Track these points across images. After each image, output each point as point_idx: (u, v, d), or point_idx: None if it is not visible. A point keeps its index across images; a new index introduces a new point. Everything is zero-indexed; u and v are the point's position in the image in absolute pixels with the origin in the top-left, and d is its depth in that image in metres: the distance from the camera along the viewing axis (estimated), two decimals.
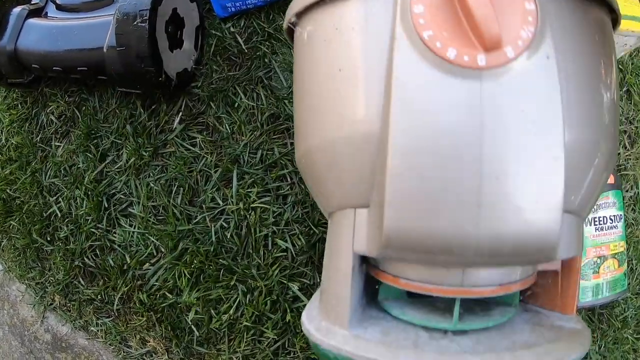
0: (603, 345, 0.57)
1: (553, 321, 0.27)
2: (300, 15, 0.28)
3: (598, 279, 0.51)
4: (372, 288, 0.29)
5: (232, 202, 0.50)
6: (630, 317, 0.59)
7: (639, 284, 0.64)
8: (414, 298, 0.28)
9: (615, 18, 0.28)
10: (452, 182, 0.20)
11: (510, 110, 0.21)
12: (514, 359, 0.22)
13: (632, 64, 0.66)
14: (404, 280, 0.25)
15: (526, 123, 0.21)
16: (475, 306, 0.27)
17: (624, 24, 0.51)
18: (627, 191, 0.60)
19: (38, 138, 0.63)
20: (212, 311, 0.50)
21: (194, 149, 0.53)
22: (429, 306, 0.27)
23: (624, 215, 0.61)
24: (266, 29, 0.55)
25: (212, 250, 0.50)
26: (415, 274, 0.25)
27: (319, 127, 0.26)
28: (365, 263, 0.27)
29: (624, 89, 0.62)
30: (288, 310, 0.48)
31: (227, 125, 0.52)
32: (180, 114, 0.54)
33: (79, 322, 0.61)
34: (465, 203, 0.20)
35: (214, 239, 0.50)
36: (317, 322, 0.27)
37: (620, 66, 0.67)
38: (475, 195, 0.20)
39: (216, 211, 0.50)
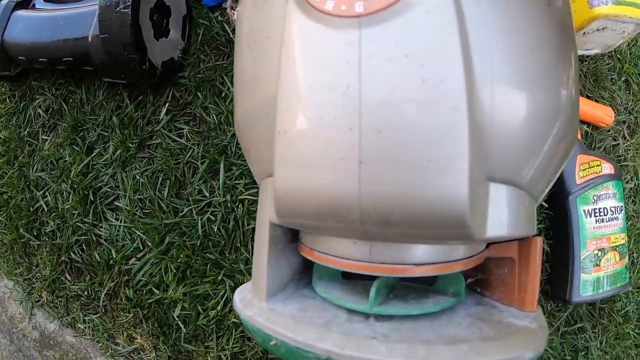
0: (604, 340, 0.55)
1: (504, 317, 0.24)
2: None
3: (599, 273, 0.49)
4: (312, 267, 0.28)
5: (219, 194, 0.48)
6: (632, 311, 0.58)
7: None
8: (348, 280, 0.27)
9: None
10: (332, 138, 0.19)
11: (392, 56, 0.19)
12: (428, 354, 0.20)
13: (630, 53, 0.64)
14: (317, 253, 0.24)
15: (411, 69, 0.18)
16: (412, 293, 0.25)
17: (622, 10, 0.49)
18: (627, 182, 0.58)
19: (25, 132, 0.62)
20: (199, 307, 0.48)
21: (180, 140, 0.51)
22: (359, 288, 0.25)
23: (625, 207, 0.60)
24: None
25: (198, 244, 0.48)
26: (326, 246, 0.23)
27: (241, 98, 0.27)
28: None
29: (622, 78, 0.60)
30: None
31: (214, 115, 0.51)
32: (167, 104, 0.52)
33: (67, 319, 0.59)
34: (346, 159, 0.19)
35: (200, 232, 0.48)
36: (244, 294, 0.26)
37: (618, 55, 0.65)
38: (355, 151, 0.18)
39: (203, 204, 0.49)
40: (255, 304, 0.24)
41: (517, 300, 0.24)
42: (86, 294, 0.56)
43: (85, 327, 0.58)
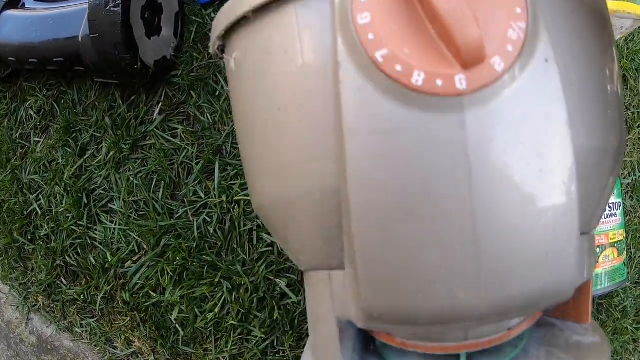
0: None
1: (569, 336, 0.23)
2: (224, 38, 0.21)
3: (597, 269, 0.49)
4: (368, 333, 0.24)
5: (214, 195, 0.47)
6: (630, 306, 0.57)
7: (638, 273, 0.61)
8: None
9: None
10: (438, 247, 0.16)
11: (507, 145, 0.15)
12: None
13: (627, 48, 0.63)
14: (400, 339, 0.21)
15: (528, 160, 0.16)
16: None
17: (620, 6, 0.49)
18: (624, 178, 0.57)
19: (17, 134, 0.61)
20: (196, 310, 0.48)
21: (174, 140, 0.50)
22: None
23: (623, 202, 0.59)
24: None
25: (195, 246, 0.47)
26: (412, 333, 0.20)
27: (266, 181, 0.21)
28: None
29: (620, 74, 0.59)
30: (276, 308, 0.46)
31: (208, 115, 0.50)
32: (160, 104, 0.51)
33: (64, 323, 0.59)
34: (460, 272, 0.16)
35: (196, 234, 0.47)
36: None
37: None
38: (472, 262, 0.15)
39: (198, 205, 0.48)
40: None
41: (572, 313, 0.23)
42: (82, 297, 0.55)
43: (82, 331, 0.57)
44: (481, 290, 0.16)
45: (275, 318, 0.46)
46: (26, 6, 0.60)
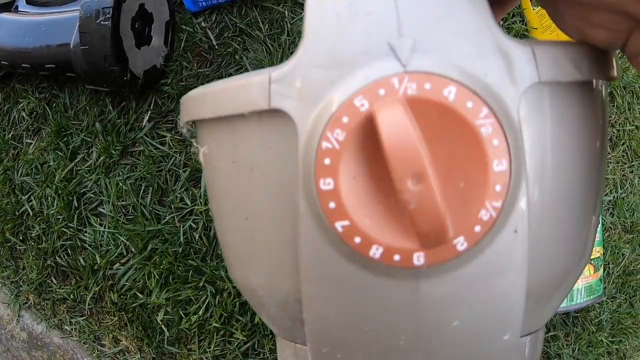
0: (577, 348, 0.57)
1: None
2: (193, 124, 0.21)
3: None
4: None
5: (200, 202, 0.49)
6: (606, 320, 0.59)
7: (615, 288, 0.64)
8: None
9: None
10: None
11: (458, 313, 0.16)
12: None
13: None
14: None
15: (478, 327, 0.16)
16: None
17: None
18: (605, 195, 0.60)
19: (10, 135, 0.62)
20: (181, 312, 0.50)
21: (163, 147, 0.52)
22: None
23: (602, 219, 0.61)
24: (238, 25, 0.54)
25: (180, 251, 0.49)
26: None
27: (235, 267, 0.22)
28: None
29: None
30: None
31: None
32: (150, 112, 0.53)
33: (53, 321, 0.61)
34: None
35: (182, 239, 0.49)
36: None
37: None
38: None
39: (185, 212, 0.50)
40: None
41: None
42: (72, 297, 0.57)
43: (71, 329, 0.59)
44: None
45: (256, 322, 0.48)
46: (19, 9, 0.61)
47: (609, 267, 0.62)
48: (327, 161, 0.15)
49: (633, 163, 0.70)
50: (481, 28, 0.16)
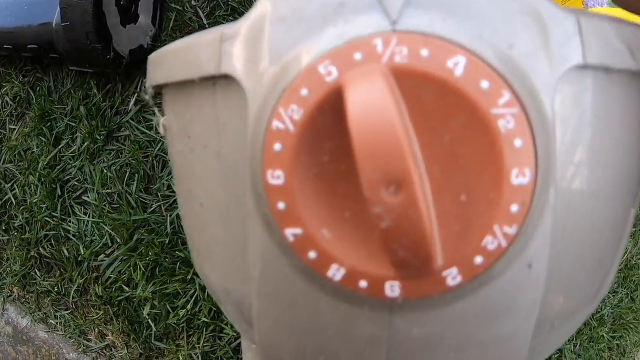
0: (578, 343, 0.54)
1: None
2: (157, 90, 0.18)
3: None
4: None
5: None
6: (607, 315, 0.57)
7: (617, 282, 0.61)
8: None
9: None
10: None
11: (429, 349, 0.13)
12: None
13: None
14: None
15: None
16: None
17: (616, 12, 0.48)
18: None
19: None
20: (168, 306, 0.47)
21: (149, 132, 0.49)
22: None
23: None
24: (229, 3, 0.51)
25: (167, 241, 0.47)
26: None
27: (196, 256, 0.19)
28: None
29: None
30: None
31: None
32: (136, 94, 0.50)
33: (38, 314, 0.58)
34: None
35: (169, 229, 0.46)
36: None
37: None
38: None
39: (172, 200, 0.47)
40: None
41: None
42: (56, 289, 0.55)
43: (56, 323, 0.57)
44: None
45: None
46: None
47: None
48: (277, 147, 0.11)
49: None
50: None
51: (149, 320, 0.48)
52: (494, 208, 0.11)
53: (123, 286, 0.49)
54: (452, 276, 0.11)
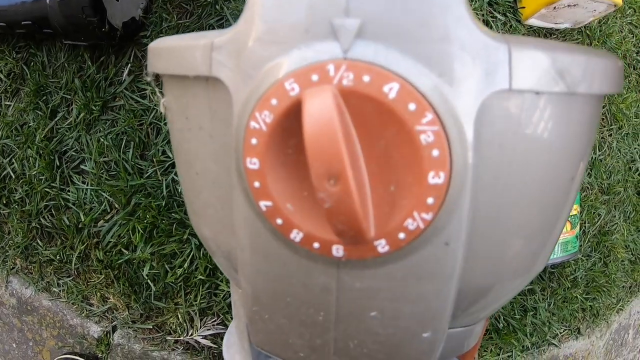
0: (552, 303, 0.57)
1: None
2: (157, 75, 0.21)
3: None
4: None
5: None
6: (581, 277, 0.60)
7: (590, 247, 0.64)
8: None
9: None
10: (304, 343, 0.18)
11: (377, 307, 0.16)
12: None
13: (600, 30, 0.64)
14: None
15: (397, 321, 0.16)
16: None
17: None
18: None
19: None
20: (166, 266, 0.49)
21: (143, 101, 0.51)
22: None
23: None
24: None
25: (164, 204, 0.49)
26: None
27: (192, 214, 0.22)
28: None
29: None
30: None
31: None
32: (129, 65, 0.52)
33: (41, 284, 0.60)
34: (318, 350, 0.17)
35: (165, 192, 0.49)
36: (232, 352, 0.26)
37: (587, 32, 0.65)
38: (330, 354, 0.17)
39: (167, 164, 0.49)
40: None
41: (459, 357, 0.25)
42: (58, 258, 0.57)
43: (59, 291, 0.59)
44: None
45: None
46: None
47: (585, 226, 0.62)
48: (254, 141, 0.15)
49: (612, 127, 0.70)
50: (447, 15, 0.13)
51: (149, 280, 0.51)
52: (415, 198, 0.14)
53: (123, 250, 0.51)
54: (382, 245, 0.15)
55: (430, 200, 0.14)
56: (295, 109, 0.14)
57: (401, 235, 0.14)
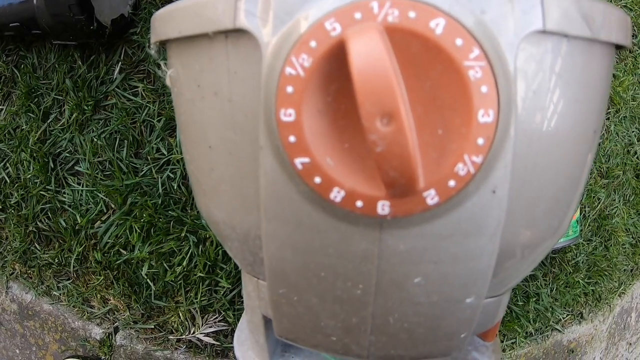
0: (555, 288, 0.57)
1: (467, 351, 0.23)
2: (162, 44, 0.19)
3: None
4: None
5: (177, 151, 0.48)
6: (582, 262, 0.60)
7: (591, 231, 0.64)
8: None
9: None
10: (339, 324, 0.16)
11: (421, 271, 0.15)
12: None
13: None
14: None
15: (442, 287, 0.15)
16: None
17: None
18: None
19: None
20: (165, 264, 0.49)
21: (135, 98, 0.50)
22: None
23: None
24: None
25: (160, 202, 0.48)
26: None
27: (199, 197, 0.20)
28: None
29: None
30: None
31: None
32: (120, 63, 0.51)
33: (41, 288, 0.60)
34: (356, 331, 0.16)
35: (161, 190, 0.48)
36: (244, 349, 0.25)
37: None
38: (367, 325, 0.16)
39: (162, 162, 0.49)
40: None
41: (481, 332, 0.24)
42: (57, 261, 0.56)
43: (60, 294, 0.58)
44: (372, 350, 0.16)
45: (240, 269, 0.47)
46: None
47: (585, 211, 0.62)
48: (289, 89, 0.14)
49: (609, 110, 0.69)
50: None
51: (148, 280, 0.50)
52: (465, 140, 0.13)
53: (121, 250, 0.51)
54: (431, 197, 0.14)
55: (480, 141, 0.13)
56: (336, 50, 0.13)
57: (451, 183, 0.14)
